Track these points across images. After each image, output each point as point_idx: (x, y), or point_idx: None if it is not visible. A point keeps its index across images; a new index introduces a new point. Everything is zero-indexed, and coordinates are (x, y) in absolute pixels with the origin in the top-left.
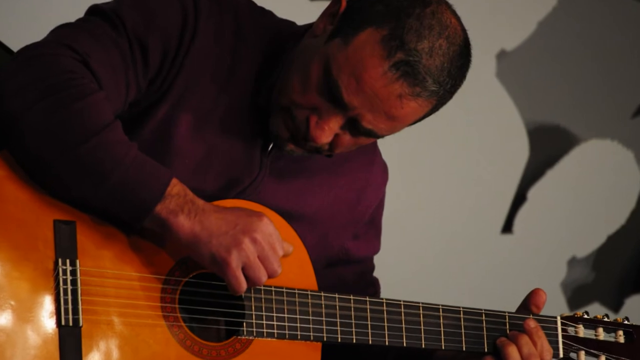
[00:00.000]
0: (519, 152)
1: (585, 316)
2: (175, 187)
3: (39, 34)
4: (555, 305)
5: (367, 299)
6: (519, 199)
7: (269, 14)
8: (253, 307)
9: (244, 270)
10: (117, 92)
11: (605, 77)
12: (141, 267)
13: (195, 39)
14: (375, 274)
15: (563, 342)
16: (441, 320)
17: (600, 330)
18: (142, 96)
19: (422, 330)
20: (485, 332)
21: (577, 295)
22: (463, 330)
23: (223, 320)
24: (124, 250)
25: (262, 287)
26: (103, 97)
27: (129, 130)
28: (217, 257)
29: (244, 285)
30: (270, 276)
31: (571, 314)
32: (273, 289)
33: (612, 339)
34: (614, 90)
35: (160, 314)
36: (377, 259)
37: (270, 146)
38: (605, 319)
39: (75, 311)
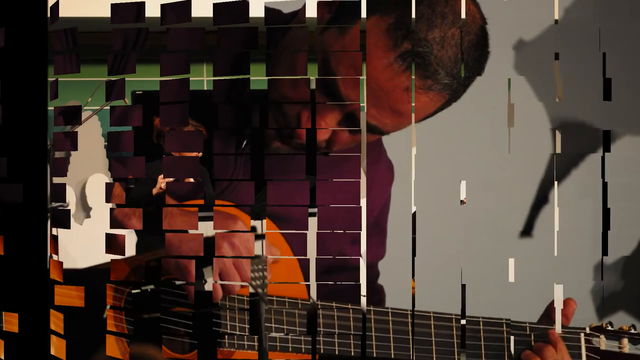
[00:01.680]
0: (541, 150)
1: (610, 327)
2: None
3: None
4: (582, 315)
5: (371, 308)
6: (540, 200)
7: None
8: (228, 318)
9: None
10: None
11: (638, 68)
12: None
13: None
14: (381, 281)
15: (587, 355)
16: (454, 332)
17: (625, 341)
18: None
19: (434, 342)
20: (505, 344)
21: (604, 303)
22: (483, 342)
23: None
24: None
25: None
26: None
27: None
28: (187, 264)
29: (219, 293)
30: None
31: (598, 324)
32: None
33: (639, 352)
34: None
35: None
36: (382, 265)
37: (244, 143)
38: (632, 330)
39: None
